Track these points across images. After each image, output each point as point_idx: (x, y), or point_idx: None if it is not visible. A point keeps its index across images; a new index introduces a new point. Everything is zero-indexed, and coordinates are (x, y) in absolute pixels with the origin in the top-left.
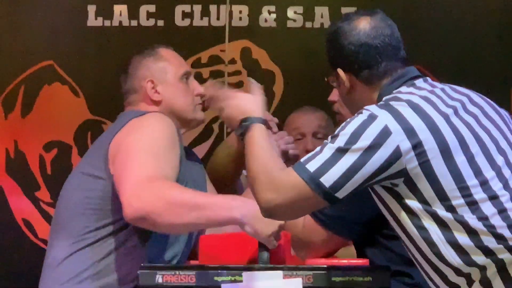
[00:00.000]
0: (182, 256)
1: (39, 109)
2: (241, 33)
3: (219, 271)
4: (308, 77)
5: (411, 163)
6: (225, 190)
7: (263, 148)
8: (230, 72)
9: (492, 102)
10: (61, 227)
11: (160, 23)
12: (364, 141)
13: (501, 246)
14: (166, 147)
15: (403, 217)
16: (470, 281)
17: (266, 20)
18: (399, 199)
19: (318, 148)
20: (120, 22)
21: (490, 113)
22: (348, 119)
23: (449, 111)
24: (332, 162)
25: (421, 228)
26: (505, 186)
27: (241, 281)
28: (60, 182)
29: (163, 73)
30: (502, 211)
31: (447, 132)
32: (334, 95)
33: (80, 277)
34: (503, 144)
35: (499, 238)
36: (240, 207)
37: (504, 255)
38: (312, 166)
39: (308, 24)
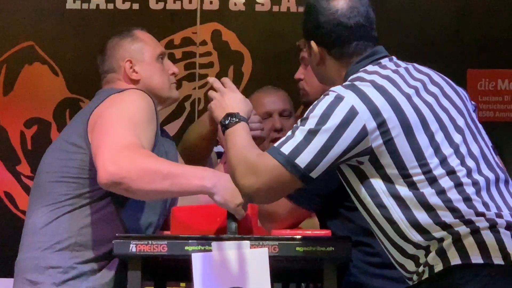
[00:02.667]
0: (157, 226)
1: (20, 88)
2: (212, 16)
3: (189, 241)
4: (274, 58)
5: (376, 141)
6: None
7: (243, 140)
8: (201, 53)
9: (450, 81)
10: (41, 194)
11: (135, 6)
12: (333, 121)
13: (457, 220)
14: (144, 121)
15: (365, 195)
16: (427, 252)
17: (235, 4)
18: (363, 178)
19: (289, 132)
20: (97, 5)
21: (449, 93)
22: (316, 101)
23: (411, 91)
24: (305, 143)
25: (382, 207)
26: (462, 162)
27: (210, 251)
28: (40, 156)
29: (140, 53)
30: (458, 185)
31: (409, 111)
32: (299, 73)
33: (60, 244)
34: (461, 122)
35: (455, 211)
36: (211, 177)
37: (459, 228)
38: (286, 149)
39: (275, 8)
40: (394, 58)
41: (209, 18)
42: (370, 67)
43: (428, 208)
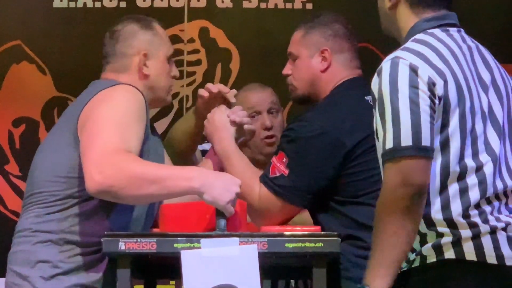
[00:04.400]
0: (146, 224)
1: (8, 87)
2: (199, 13)
3: (178, 238)
4: (262, 54)
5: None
6: (181, 163)
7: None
8: (189, 51)
9: (500, 68)
10: (33, 193)
11: (123, 4)
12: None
13: (464, 221)
14: (133, 120)
15: None
16: (423, 241)
17: (222, 1)
18: None
19: None
20: (85, 4)
21: (498, 83)
22: None
23: (469, 75)
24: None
25: None
26: (485, 165)
27: (199, 248)
28: (28, 155)
29: (157, 49)
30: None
31: (468, 102)
32: (287, 69)
33: (51, 240)
34: (500, 119)
35: (466, 216)
36: (198, 177)
37: (463, 231)
38: None
39: (263, 5)
40: (463, 30)
41: (197, 15)
42: (438, 32)
43: (444, 201)
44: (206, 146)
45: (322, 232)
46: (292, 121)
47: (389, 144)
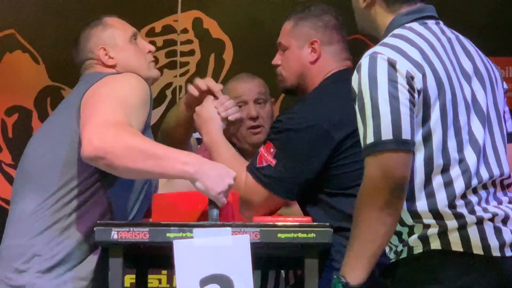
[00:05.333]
0: (139, 214)
1: (1, 76)
2: (193, 4)
3: (171, 228)
4: (255, 45)
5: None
6: None
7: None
8: (183, 41)
9: (484, 58)
10: (28, 180)
11: None
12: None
13: (449, 211)
14: (137, 105)
15: None
16: (411, 233)
17: None
18: None
19: None
20: None
21: (482, 71)
22: None
23: (450, 67)
24: None
25: None
26: (477, 157)
27: (191, 237)
28: (21, 144)
29: (112, 38)
30: (463, 175)
31: (448, 94)
32: (277, 59)
33: (47, 231)
34: (484, 108)
35: (451, 204)
36: (194, 163)
37: (449, 221)
38: None
39: None
40: (441, 22)
41: (190, 6)
42: (416, 25)
43: (429, 192)
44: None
45: (314, 223)
46: (281, 113)
47: (370, 139)
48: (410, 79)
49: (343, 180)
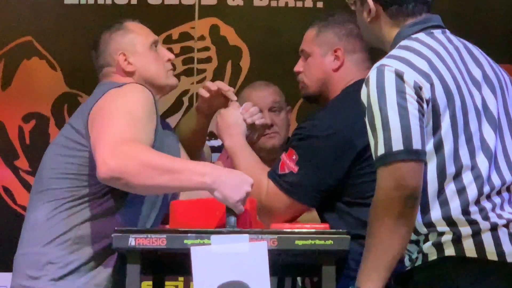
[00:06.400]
0: (156, 221)
1: (18, 83)
2: (210, 11)
3: (188, 234)
4: (272, 52)
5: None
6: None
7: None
8: (200, 48)
9: (493, 64)
10: (43, 190)
11: (134, 1)
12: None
13: (463, 218)
14: (144, 117)
15: None
16: (426, 240)
17: None
18: None
19: None
20: (95, 0)
21: (491, 77)
22: None
23: (459, 76)
24: None
25: None
26: (489, 161)
27: (209, 244)
28: (38, 151)
29: (132, 44)
30: (475, 182)
31: (458, 102)
32: (299, 66)
33: (60, 239)
34: (495, 114)
35: (466, 213)
36: (211, 173)
37: (463, 228)
38: None
39: (274, 3)
40: (447, 31)
41: (207, 13)
42: (422, 36)
43: (443, 201)
44: (214, 142)
45: (332, 230)
46: (303, 120)
47: (381, 150)
48: (418, 89)
49: (361, 189)
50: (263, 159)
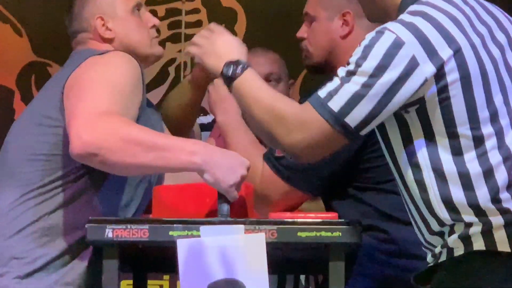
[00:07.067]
0: (139, 210)
1: None
2: None
3: (174, 225)
4: (272, 16)
5: (431, 91)
6: None
7: (265, 91)
8: (188, 10)
9: None
10: (8, 174)
11: None
12: (392, 73)
13: (493, 206)
14: (129, 90)
15: (401, 150)
16: (451, 232)
17: None
18: (405, 129)
19: (337, 80)
20: None
21: None
22: (367, 42)
23: (477, 41)
24: (356, 99)
25: (416, 167)
26: None
27: (198, 236)
28: (2, 129)
29: (112, 7)
30: (506, 161)
31: (472, 62)
32: (302, 31)
33: (26, 230)
34: None
35: (496, 201)
36: (202, 152)
37: (494, 218)
38: (334, 105)
39: None
40: None
41: None
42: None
43: (466, 183)
44: (203, 119)
45: (340, 220)
46: (304, 96)
47: (322, 94)
48: (414, 66)
49: (375, 174)
50: (260, 139)
